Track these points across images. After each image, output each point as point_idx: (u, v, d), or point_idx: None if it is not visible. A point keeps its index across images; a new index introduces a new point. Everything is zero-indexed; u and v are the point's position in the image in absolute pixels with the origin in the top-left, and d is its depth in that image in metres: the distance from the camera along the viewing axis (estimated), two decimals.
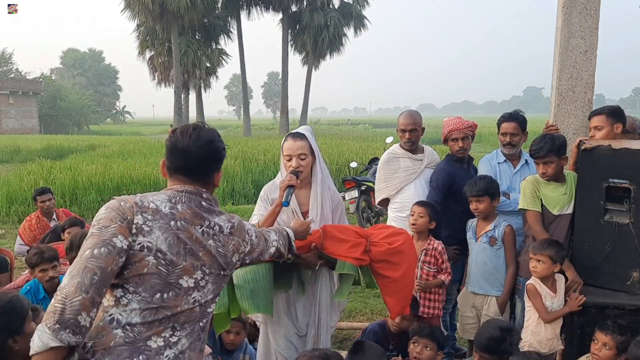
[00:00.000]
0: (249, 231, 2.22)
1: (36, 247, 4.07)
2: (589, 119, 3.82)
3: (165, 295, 1.86)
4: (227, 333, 3.57)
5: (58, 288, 1.68)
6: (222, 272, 2.05)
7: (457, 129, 4.12)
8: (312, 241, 2.89)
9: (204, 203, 2.01)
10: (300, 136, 3.11)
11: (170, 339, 1.88)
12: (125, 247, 1.78)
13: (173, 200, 1.94)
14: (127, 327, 1.80)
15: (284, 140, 3.14)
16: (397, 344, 3.59)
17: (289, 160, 3.07)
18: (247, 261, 2.24)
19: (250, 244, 2.20)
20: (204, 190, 2.04)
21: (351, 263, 2.92)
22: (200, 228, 1.96)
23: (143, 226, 1.83)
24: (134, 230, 1.82)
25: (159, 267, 1.84)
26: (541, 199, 3.58)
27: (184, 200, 1.96)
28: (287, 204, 2.92)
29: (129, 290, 1.82)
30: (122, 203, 1.86)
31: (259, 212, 3.14)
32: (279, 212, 3.00)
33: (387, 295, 3.09)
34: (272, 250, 2.41)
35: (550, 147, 3.45)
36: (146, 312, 1.83)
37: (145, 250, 1.83)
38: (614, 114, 3.69)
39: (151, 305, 1.83)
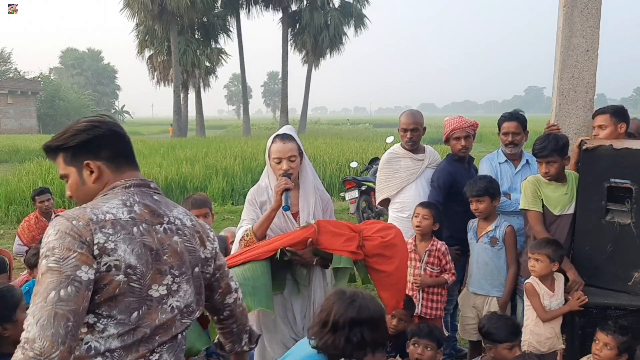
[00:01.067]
0: (211, 232, 1.97)
1: (35, 247, 4.05)
2: (593, 117, 3.80)
3: (141, 311, 1.66)
4: None
5: (24, 338, 1.44)
6: (194, 270, 1.85)
7: (460, 128, 4.10)
8: (308, 237, 2.86)
9: (155, 197, 1.80)
10: (289, 137, 3.06)
11: (150, 357, 1.69)
12: (92, 277, 1.54)
13: (128, 203, 1.70)
14: (107, 354, 1.61)
15: (272, 143, 3.08)
16: (395, 345, 3.58)
17: (279, 163, 3.02)
18: (214, 272, 1.99)
19: (213, 246, 1.95)
20: (149, 179, 1.84)
21: (348, 257, 2.90)
22: (161, 227, 1.75)
23: (106, 244, 1.58)
24: (96, 252, 1.56)
25: (132, 284, 1.63)
26: (542, 199, 3.57)
27: (137, 199, 1.73)
28: (288, 207, 2.89)
29: (102, 315, 1.60)
30: (74, 222, 1.57)
31: (249, 216, 3.09)
32: (274, 217, 2.97)
33: (382, 290, 3.07)
34: (229, 282, 2.11)
35: (553, 147, 3.44)
36: (124, 335, 1.63)
37: (114, 269, 1.59)
38: (618, 113, 3.68)
39: (129, 326, 1.64)
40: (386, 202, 4.41)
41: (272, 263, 2.88)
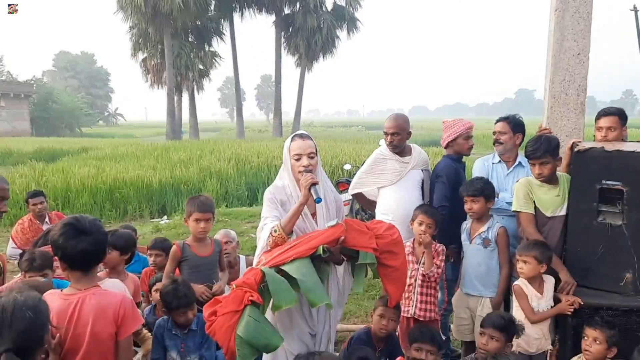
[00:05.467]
0: None
1: (30, 252, 4.00)
2: (598, 118, 3.82)
3: None
4: (185, 314, 3.49)
5: None
6: None
7: (471, 127, 4.34)
8: (340, 235, 2.96)
9: None
10: (307, 136, 3.19)
11: None
12: None
13: None
14: None
15: (291, 141, 3.17)
16: (383, 349, 3.60)
17: (298, 159, 3.10)
18: None
19: None
20: None
21: (372, 253, 3.05)
22: None
23: None
24: None
25: None
26: (534, 201, 3.60)
27: None
28: (320, 199, 3.01)
29: None
30: None
31: (272, 213, 3.14)
32: (302, 212, 3.05)
33: (389, 283, 3.22)
34: None
35: (546, 148, 3.48)
36: None
37: None
38: (623, 116, 3.75)
39: None
40: (359, 195, 4.56)
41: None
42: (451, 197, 4.11)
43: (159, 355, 3.43)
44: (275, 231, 3.01)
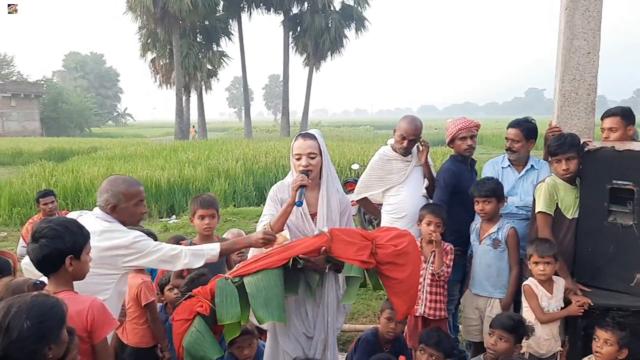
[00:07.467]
0: None
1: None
2: (602, 119, 3.81)
3: None
4: (240, 349, 3.36)
5: None
6: None
7: (466, 128, 4.15)
8: (321, 245, 2.89)
9: None
10: (311, 136, 3.17)
11: None
12: None
13: None
14: None
15: (294, 140, 3.18)
16: (391, 350, 3.57)
17: (299, 159, 3.10)
18: None
19: None
20: None
21: (358, 266, 2.92)
22: None
23: None
24: None
25: None
26: (557, 203, 3.54)
27: None
28: (300, 204, 2.98)
29: None
30: None
31: (270, 211, 3.17)
32: (290, 212, 3.05)
33: (393, 296, 3.09)
34: None
35: (572, 142, 3.45)
36: None
37: None
38: (627, 115, 3.70)
39: None
40: (364, 201, 4.50)
41: (286, 268, 2.89)
42: (450, 201, 4.06)
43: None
44: (265, 229, 3.05)
